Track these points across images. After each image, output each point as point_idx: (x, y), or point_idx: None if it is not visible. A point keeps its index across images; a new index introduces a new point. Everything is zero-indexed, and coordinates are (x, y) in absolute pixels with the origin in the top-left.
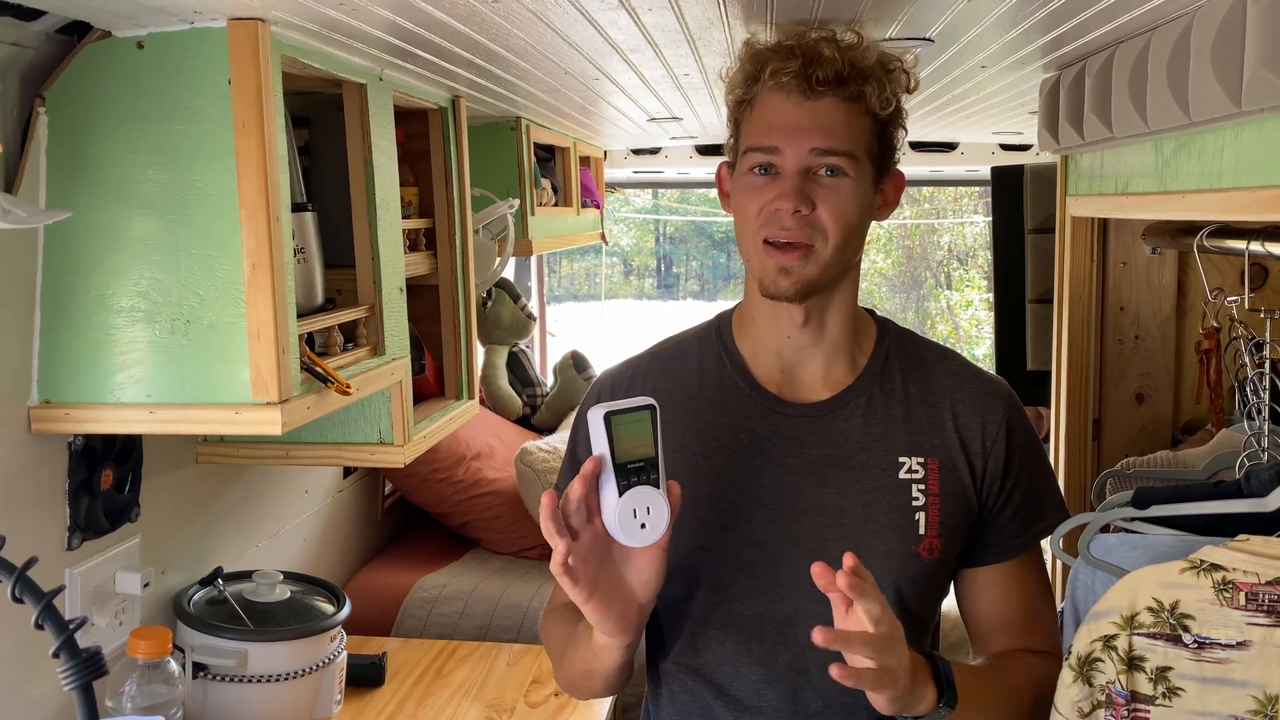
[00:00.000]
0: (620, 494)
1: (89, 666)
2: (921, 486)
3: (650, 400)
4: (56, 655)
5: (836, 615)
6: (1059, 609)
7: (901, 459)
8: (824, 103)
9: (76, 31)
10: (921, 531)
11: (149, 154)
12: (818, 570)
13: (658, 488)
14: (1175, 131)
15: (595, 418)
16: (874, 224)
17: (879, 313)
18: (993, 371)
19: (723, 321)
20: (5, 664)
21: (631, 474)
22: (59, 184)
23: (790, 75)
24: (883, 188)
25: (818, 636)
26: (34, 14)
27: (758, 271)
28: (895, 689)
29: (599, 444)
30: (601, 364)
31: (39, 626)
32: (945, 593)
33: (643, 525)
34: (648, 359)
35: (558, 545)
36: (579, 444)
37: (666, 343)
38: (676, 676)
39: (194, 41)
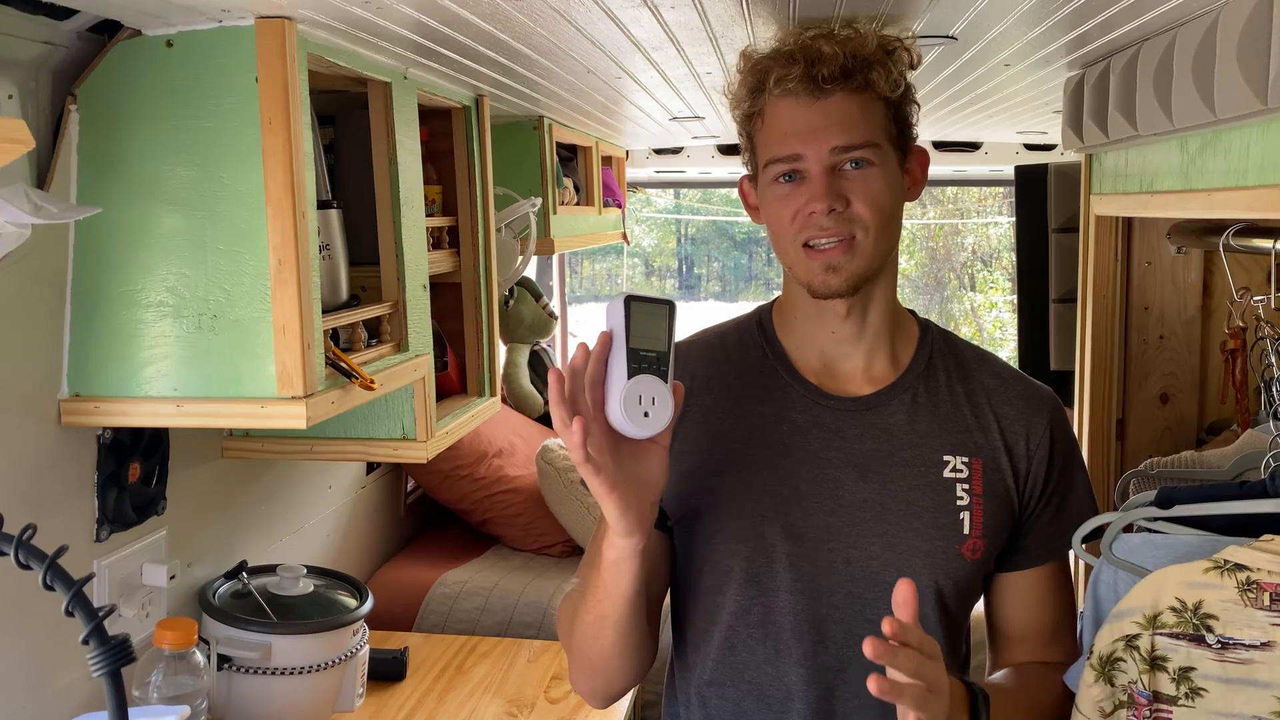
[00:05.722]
0: (629, 376)
1: (118, 653)
2: (966, 486)
3: (671, 299)
4: (86, 642)
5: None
6: (1080, 610)
7: (946, 457)
8: (834, 99)
9: (107, 30)
10: (966, 531)
11: (177, 151)
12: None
13: (665, 381)
14: (1201, 129)
15: (616, 302)
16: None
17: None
18: None
19: (764, 314)
20: (33, 656)
21: (642, 360)
22: (89, 180)
23: (795, 79)
24: (909, 167)
25: (869, 648)
26: (66, 13)
27: (804, 276)
28: (936, 716)
29: (616, 325)
30: None
31: (69, 613)
32: (980, 595)
33: (646, 414)
34: (688, 344)
35: (574, 427)
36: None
37: (706, 331)
38: (708, 678)
39: (222, 40)
